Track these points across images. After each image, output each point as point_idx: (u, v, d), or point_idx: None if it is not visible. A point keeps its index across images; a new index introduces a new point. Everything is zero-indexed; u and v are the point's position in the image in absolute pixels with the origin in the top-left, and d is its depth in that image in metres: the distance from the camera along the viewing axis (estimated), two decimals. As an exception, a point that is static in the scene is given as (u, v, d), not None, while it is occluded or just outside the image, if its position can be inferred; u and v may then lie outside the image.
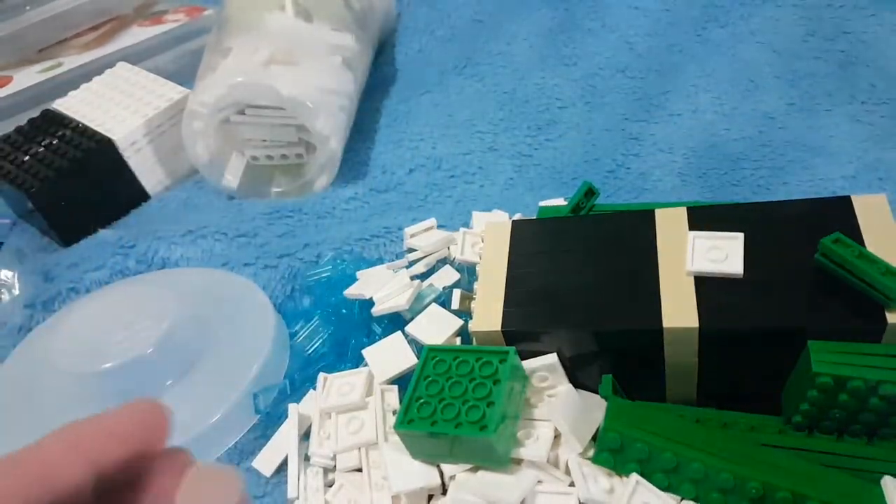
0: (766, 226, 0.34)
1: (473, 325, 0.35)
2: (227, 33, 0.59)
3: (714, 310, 0.31)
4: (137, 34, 0.78)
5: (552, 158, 0.59)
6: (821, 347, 0.28)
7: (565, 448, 0.32)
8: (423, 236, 0.48)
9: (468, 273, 0.44)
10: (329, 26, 0.62)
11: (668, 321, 0.31)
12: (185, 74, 0.67)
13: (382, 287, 0.43)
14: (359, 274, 0.46)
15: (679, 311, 0.32)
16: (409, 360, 0.38)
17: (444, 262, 0.46)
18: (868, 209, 0.32)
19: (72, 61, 0.74)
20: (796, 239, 0.32)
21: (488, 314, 0.35)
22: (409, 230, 0.48)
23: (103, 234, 0.56)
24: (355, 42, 0.64)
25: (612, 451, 0.30)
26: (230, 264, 0.51)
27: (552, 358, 0.33)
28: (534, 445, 0.32)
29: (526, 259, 0.37)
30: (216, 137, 0.56)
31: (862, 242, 0.31)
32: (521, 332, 0.34)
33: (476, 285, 0.39)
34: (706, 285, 0.32)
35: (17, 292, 0.52)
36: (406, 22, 0.80)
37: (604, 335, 0.33)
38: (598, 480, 0.31)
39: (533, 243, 0.37)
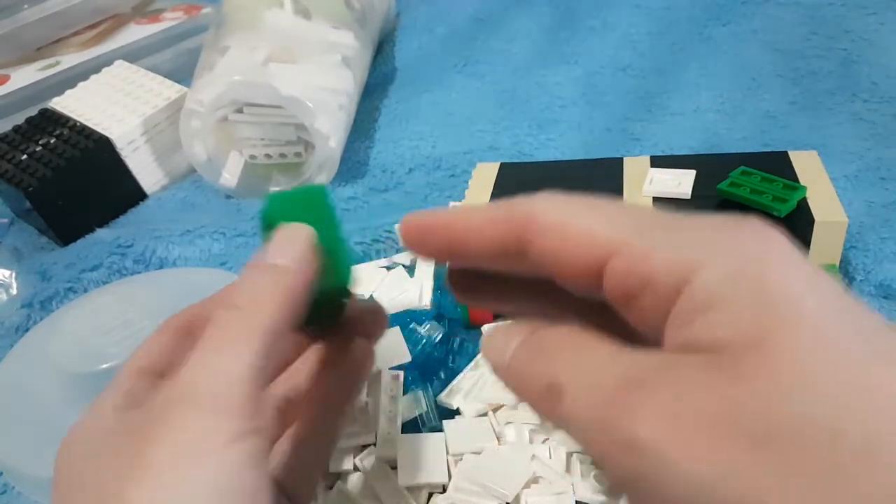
0: (717, 167, 0.40)
1: None
2: (226, 31, 0.59)
3: None
4: (135, 32, 0.77)
5: (552, 158, 0.58)
6: None
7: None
8: None
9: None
10: (328, 24, 0.62)
11: None
12: (183, 73, 0.66)
13: (380, 286, 0.42)
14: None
15: None
16: (404, 356, 0.38)
17: None
18: (803, 161, 0.40)
19: (69, 60, 0.74)
20: None
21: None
22: (399, 226, 0.49)
23: (101, 233, 0.55)
24: (355, 40, 0.63)
25: None
26: (229, 264, 0.50)
27: None
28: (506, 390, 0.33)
29: (512, 182, 0.42)
30: (214, 136, 0.56)
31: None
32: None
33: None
34: (659, 205, 0.39)
35: (14, 292, 0.52)
36: (406, 20, 0.80)
37: None
38: (592, 481, 0.31)
39: (517, 177, 0.43)
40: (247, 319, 0.21)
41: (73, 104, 0.61)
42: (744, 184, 0.38)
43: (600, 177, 0.41)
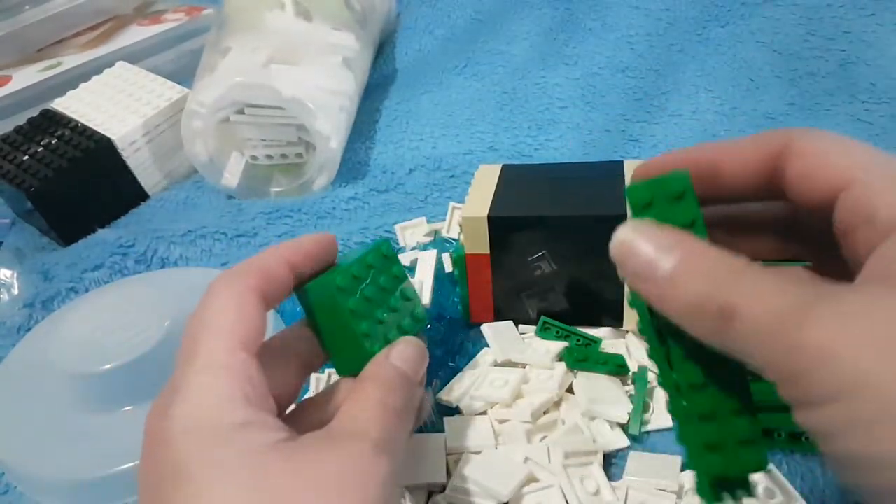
0: None
1: (463, 212, 0.39)
2: (227, 33, 0.59)
3: None
4: (136, 34, 0.77)
5: (552, 158, 0.58)
6: None
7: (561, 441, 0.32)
8: (412, 231, 0.50)
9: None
10: (329, 26, 0.62)
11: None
12: (184, 74, 0.67)
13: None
14: None
15: None
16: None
17: (433, 244, 0.49)
18: None
19: (71, 61, 0.74)
20: None
21: (478, 204, 0.40)
22: (399, 227, 0.50)
23: (102, 233, 0.55)
24: (355, 42, 0.64)
25: None
26: (230, 264, 0.50)
27: None
28: (501, 389, 0.35)
29: (514, 183, 0.42)
30: (215, 137, 0.56)
31: None
32: (508, 218, 0.38)
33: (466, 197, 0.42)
34: None
35: (16, 292, 0.52)
36: (406, 22, 0.80)
37: (581, 219, 0.38)
38: (584, 483, 0.31)
39: (519, 179, 0.43)
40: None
41: (75, 105, 0.61)
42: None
43: (601, 178, 0.41)
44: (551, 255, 0.39)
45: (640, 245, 0.20)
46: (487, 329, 0.41)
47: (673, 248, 0.19)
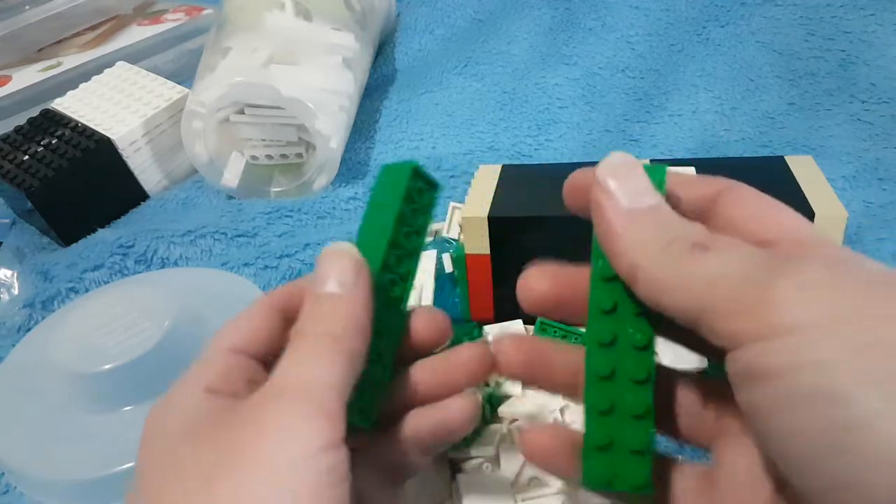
0: (715, 172, 0.39)
1: (463, 212, 0.39)
2: (227, 33, 0.59)
3: None
4: (137, 33, 0.78)
5: (552, 159, 0.59)
6: None
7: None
8: None
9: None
10: (329, 26, 0.62)
11: None
12: (184, 74, 0.67)
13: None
14: None
15: None
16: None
17: (433, 244, 0.48)
18: (799, 165, 0.40)
19: (71, 61, 0.74)
20: (738, 177, 0.40)
21: (478, 204, 0.40)
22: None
23: (102, 233, 0.55)
24: (355, 42, 0.64)
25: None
26: (230, 264, 0.50)
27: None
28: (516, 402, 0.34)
29: (514, 183, 0.42)
30: (215, 137, 0.56)
31: (799, 189, 0.38)
32: (508, 218, 0.38)
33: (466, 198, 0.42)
34: None
35: (16, 292, 0.52)
36: (406, 22, 0.80)
37: (581, 219, 0.37)
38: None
39: (519, 179, 0.43)
40: (337, 340, 0.22)
41: (75, 105, 0.61)
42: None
43: None
44: (551, 255, 0.39)
45: (622, 177, 0.21)
46: (490, 329, 0.41)
47: (654, 191, 0.21)
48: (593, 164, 0.22)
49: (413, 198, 0.25)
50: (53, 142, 0.57)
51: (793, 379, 0.16)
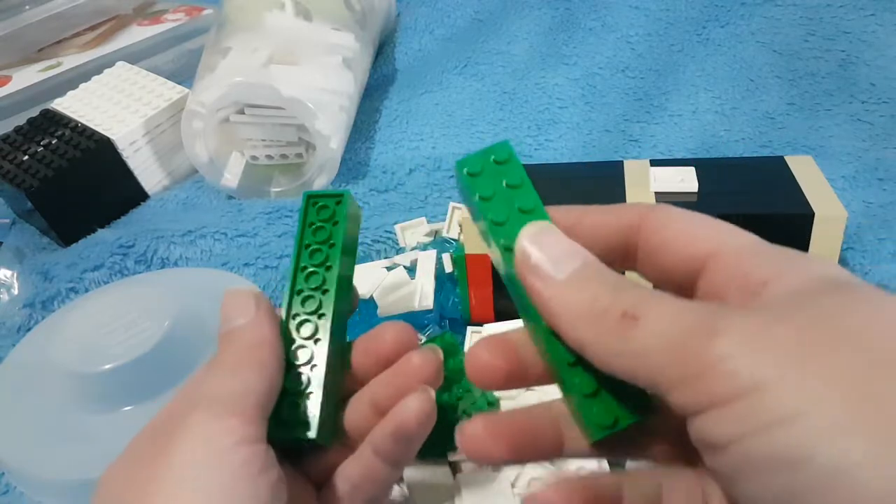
0: (715, 172, 0.41)
1: (463, 212, 0.39)
2: (227, 33, 0.59)
3: None
4: (137, 34, 0.78)
5: (552, 159, 0.59)
6: None
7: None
8: (412, 231, 0.50)
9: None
10: (329, 26, 0.62)
11: None
12: (184, 74, 0.67)
13: (380, 286, 0.43)
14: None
15: None
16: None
17: (433, 244, 0.48)
18: (799, 165, 0.40)
19: (71, 61, 0.74)
20: (739, 177, 0.41)
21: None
22: (399, 227, 0.50)
23: (102, 233, 0.55)
24: (355, 42, 0.64)
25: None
26: (230, 264, 0.50)
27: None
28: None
29: None
30: (216, 137, 0.56)
31: (799, 189, 0.38)
32: None
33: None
34: (663, 200, 0.39)
35: (16, 292, 0.52)
36: (406, 22, 0.80)
37: None
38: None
39: None
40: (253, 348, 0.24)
41: (75, 105, 0.61)
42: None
43: (603, 178, 0.41)
44: None
45: (544, 244, 0.20)
46: (491, 329, 0.41)
47: (575, 254, 0.20)
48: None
49: (312, 220, 0.28)
50: (53, 142, 0.57)
51: (746, 446, 0.16)
